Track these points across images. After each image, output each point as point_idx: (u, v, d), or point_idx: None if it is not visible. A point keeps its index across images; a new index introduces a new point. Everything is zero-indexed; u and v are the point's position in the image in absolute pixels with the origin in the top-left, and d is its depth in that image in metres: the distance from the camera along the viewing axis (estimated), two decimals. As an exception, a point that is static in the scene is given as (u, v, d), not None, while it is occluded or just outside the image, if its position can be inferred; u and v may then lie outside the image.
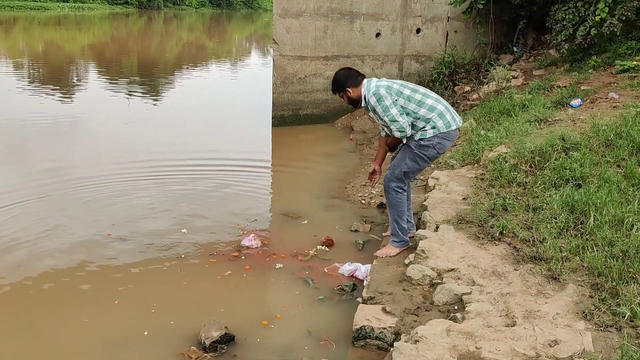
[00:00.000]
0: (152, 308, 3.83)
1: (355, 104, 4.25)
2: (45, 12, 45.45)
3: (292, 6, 8.95)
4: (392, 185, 4.24)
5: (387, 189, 4.28)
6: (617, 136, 5.03)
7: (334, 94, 4.35)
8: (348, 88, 4.17)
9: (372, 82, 4.12)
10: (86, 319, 3.70)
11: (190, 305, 3.90)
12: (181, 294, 4.05)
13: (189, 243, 4.84)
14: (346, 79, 4.20)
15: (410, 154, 4.13)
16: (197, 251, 4.71)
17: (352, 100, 4.23)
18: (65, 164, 7.06)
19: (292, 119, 9.50)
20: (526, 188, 4.63)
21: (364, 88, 4.12)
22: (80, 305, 3.88)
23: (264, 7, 77.30)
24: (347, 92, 4.18)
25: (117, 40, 28.98)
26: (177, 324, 3.65)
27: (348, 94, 4.19)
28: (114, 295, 3.98)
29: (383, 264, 4.12)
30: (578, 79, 7.42)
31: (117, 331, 3.57)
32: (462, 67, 9.82)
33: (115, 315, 3.76)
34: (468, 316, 3.10)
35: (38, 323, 3.66)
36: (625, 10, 7.40)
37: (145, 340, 3.49)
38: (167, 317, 3.72)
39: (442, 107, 4.08)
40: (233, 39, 36.64)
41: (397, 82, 4.15)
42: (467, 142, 6.27)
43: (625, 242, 3.50)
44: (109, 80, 14.74)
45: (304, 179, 6.84)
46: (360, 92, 4.15)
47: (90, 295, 4.04)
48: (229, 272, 4.35)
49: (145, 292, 4.08)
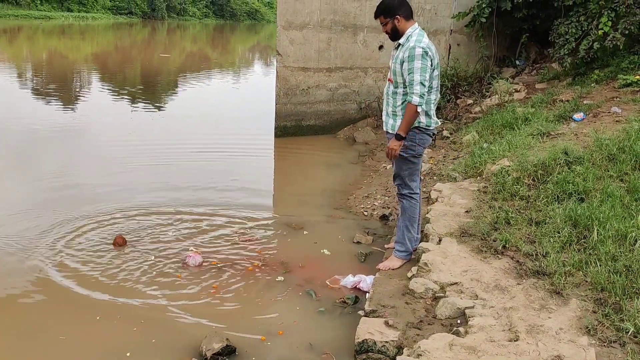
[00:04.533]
0: (154, 318, 3.82)
1: (396, 37, 4.01)
2: (50, 22, 45.68)
3: (296, 18, 9.00)
4: (404, 192, 4.26)
5: (400, 197, 4.30)
6: (620, 150, 5.03)
7: (377, 18, 4.02)
8: (399, 15, 3.92)
9: (424, 35, 3.95)
10: (85, 330, 3.69)
11: (193, 316, 3.89)
12: (184, 306, 4.04)
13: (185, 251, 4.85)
14: (399, 6, 3.93)
15: (400, 159, 4.12)
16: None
17: (395, 31, 3.98)
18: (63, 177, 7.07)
19: (295, 129, 9.51)
20: (529, 202, 4.62)
21: (413, 30, 3.93)
22: (79, 317, 3.88)
23: (267, 19, 77.61)
24: (396, 19, 3.92)
25: (121, 49, 29.09)
26: (179, 335, 3.63)
27: (396, 22, 3.93)
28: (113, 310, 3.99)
29: (386, 277, 4.11)
30: (581, 93, 7.43)
31: (118, 343, 3.56)
32: (464, 80, 9.84)
33: (114, 328, 3.75)
34: (471, 330, 3.09)
35: (39, 331, 3.66)
36: (628, 24, 7.43)
37: (146, 351, 3.48)
38: (167, 328, 3.71)
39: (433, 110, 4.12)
40: (236, 50, 36.76)
41: (436, 55, 3.99)
42: (470, 155, 6.27)
43: (629, 257, 3.50)
44: (112, 89, 14.78)
45: (306, 189, 6.83)
46: (407, 27, 3.95)
47: (85, 307, 4.02)
48: (227, 281, 4.34)
49: (146, 303, 4.08)
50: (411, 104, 3.86)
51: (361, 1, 9.35)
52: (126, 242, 5.04)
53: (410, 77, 3.84)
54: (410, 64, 3.84)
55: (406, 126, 3.93)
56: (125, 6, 59.41)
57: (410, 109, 3.87)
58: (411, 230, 4.29)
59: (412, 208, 4.28)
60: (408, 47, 3.87)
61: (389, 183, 6.38)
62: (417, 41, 3.88)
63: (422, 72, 3.82)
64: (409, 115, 3.89)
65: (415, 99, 3.83)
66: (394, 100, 4.08)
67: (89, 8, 54.99)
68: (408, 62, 3.85)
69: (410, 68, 3.84)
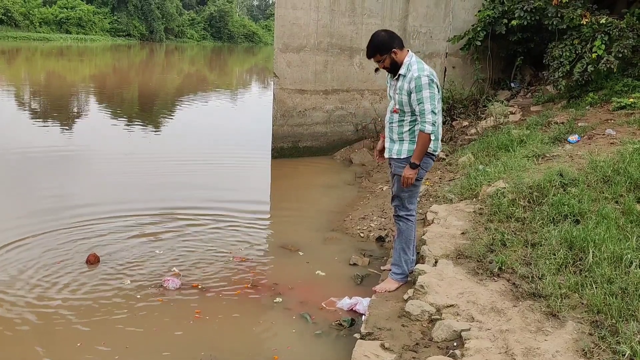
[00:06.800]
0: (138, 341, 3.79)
1: (395, 70, 4.00)
2: (48, 43, 45.96)
3: (293, 41, 9.09)
4: (401, 214, 4.27)
5: (399, 218, 4.30)
6: (614, 172, 5.06)
7: (372, 57, 4.01)
8: (395, 49, 3.92)
9: (421, 62, 3.96)
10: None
11: (189, 339, 3.86)
12: (184, 329, 4.01)
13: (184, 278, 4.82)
14: (391, 40, 3.92)
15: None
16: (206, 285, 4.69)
17: (394, 65, 3.97)
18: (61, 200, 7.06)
19: (292, 151, 9.55)
20: (524, 223, 4.63)
21: (411, 58, 3.93)
22: (67, 342, 3.84)
23: (265, 41, 78.14)
24: (393, 52, 3.92)
25: (119, 71, 29.24)
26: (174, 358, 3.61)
27: (393, 56, 3.93)
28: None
29: (382, 299, 4.09)
30: (575, 116, 7.49)
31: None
32: (460, 103, 9.92)
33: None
34: (467, 353, 3.08)
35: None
36: (621, 47, 7.53)
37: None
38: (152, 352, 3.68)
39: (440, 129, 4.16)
40: (234, 72, 36.99)
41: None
42: (466, 177, 6.29)
43: (624, 280, 3.50)
44: (109, 111, 14.82)
45: (302, 211, 6.83)
46: (404, 57, 3.95)
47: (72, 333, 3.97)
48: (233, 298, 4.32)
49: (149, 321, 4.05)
50: (424, 133, 3.91)
51: (357, 24, 9.47)
52: (99, 259, 5.00)
53: (421, 107, 3.88)
54: (418, 94, 3.88)
55: (420, 154, 3.98)
56: (124, 28, 59.84)
57: (423, 138, 3.93)
58: (407, 252, 4.29)
59: (409, 230, 4.29)
60: (412, 78, 3.89)
61: (385, 204, 6.39)
62: (419, 69, 3.90)
63: (432, 101, 3.87)
64: (422, 143, 3.94)
65: (428, 128, 3.89)
66: (399, 127, 4.12)
67: (87, 30, 55.39)
68: (416, 93, 3.89)
69: (419, 98, 3.88)
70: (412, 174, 4.02)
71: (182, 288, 4.59)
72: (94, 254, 5.04)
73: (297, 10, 8.97)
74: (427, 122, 3.88)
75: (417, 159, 3.99)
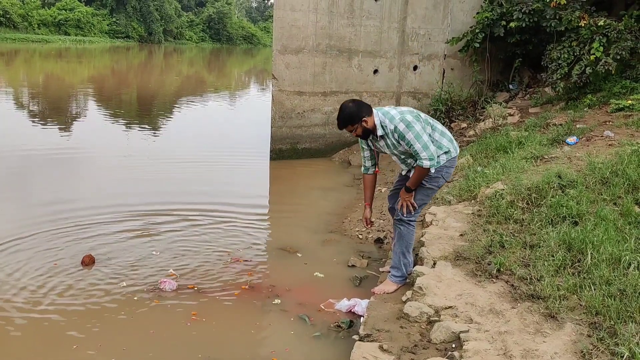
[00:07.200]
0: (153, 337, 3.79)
1: (368, 135, 4.10)
2: (47, 45, 45.96)
3: (291, 43, 9.09)
4: (406, 219, 4.27)
5: (401, 222, 4.29)
6: (613, 174, 5.06)
7: (344, 128, 4.06)
8: (365, 118, 3.97)
9: (389, 110, 4.02)
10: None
11: (186, 341, 3.85)
12: (181, 331, 4.00)
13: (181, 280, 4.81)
14: (359, 109, 3.98)
15: (421, 188, 4.18)
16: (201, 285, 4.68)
17: (366, 131, 4.04)
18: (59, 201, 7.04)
19: (290, 152, 9.55)
20: (523, 225, 4.63)
21: (379, 117, 3.98)
22: (62, 345, 3.82)
23: (264, 43, 78.25)
24: (363, 122, 3.97)
25: (118, 72, 29.24)
26: None
27: (364, 125, 3.98)
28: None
29: (380, 301, 4.09)
30: (574, 117, 7.50)
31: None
32: (458, 104, 9.93)
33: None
34: (466, 355, 3.07)
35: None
36: (619, 49, 7.54)
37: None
38: (164, 353, 3.67)
39: (449, 135, 4.23)
40: (232, 73, 37.00)
41: (414, 110, 4.08)
42: (464, 178, 6.29)
43: (623, 281, 3.49)
44: (108, 113, 14.81)
45: (301, 213, 6.83)
46: (374, 121, 4.00)
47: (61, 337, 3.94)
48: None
49: (148, 323, 4.04)
50: (422, 168, 4.00)
51: (356, 26, 9.47)
52: (94, 261, 4.99)
53: (414, 149, 3.95)
54: (405, 140, 3.94)
55: (416, 182, 4.14)
56: (122, 30, 59.88)
57: (420, 170, 4.03)
58: (407, 256, 4.30)
59: (410, 234, 4.30)
60: (392, 131, 3.97)
61: (383, 206, 6.38)
62: (390, 119, 3.97)
63: (420, 138, 3.92)
64: (419, 174, 4.07)
65: (425, 163, 3.97)
66: (407, 165, 4.26)
67: (86, 32, 55.41)
68: (404, 140, 3.95)
69: (408, 142, 3.94)
70: (408, 197, 4.17)
71: (178, 290, 4.56)
72: (89, 255, 5.02)
73: (295, 12, 8.98)
74: (424, 159, 3.96)
75: (412, 185, 4.13)
